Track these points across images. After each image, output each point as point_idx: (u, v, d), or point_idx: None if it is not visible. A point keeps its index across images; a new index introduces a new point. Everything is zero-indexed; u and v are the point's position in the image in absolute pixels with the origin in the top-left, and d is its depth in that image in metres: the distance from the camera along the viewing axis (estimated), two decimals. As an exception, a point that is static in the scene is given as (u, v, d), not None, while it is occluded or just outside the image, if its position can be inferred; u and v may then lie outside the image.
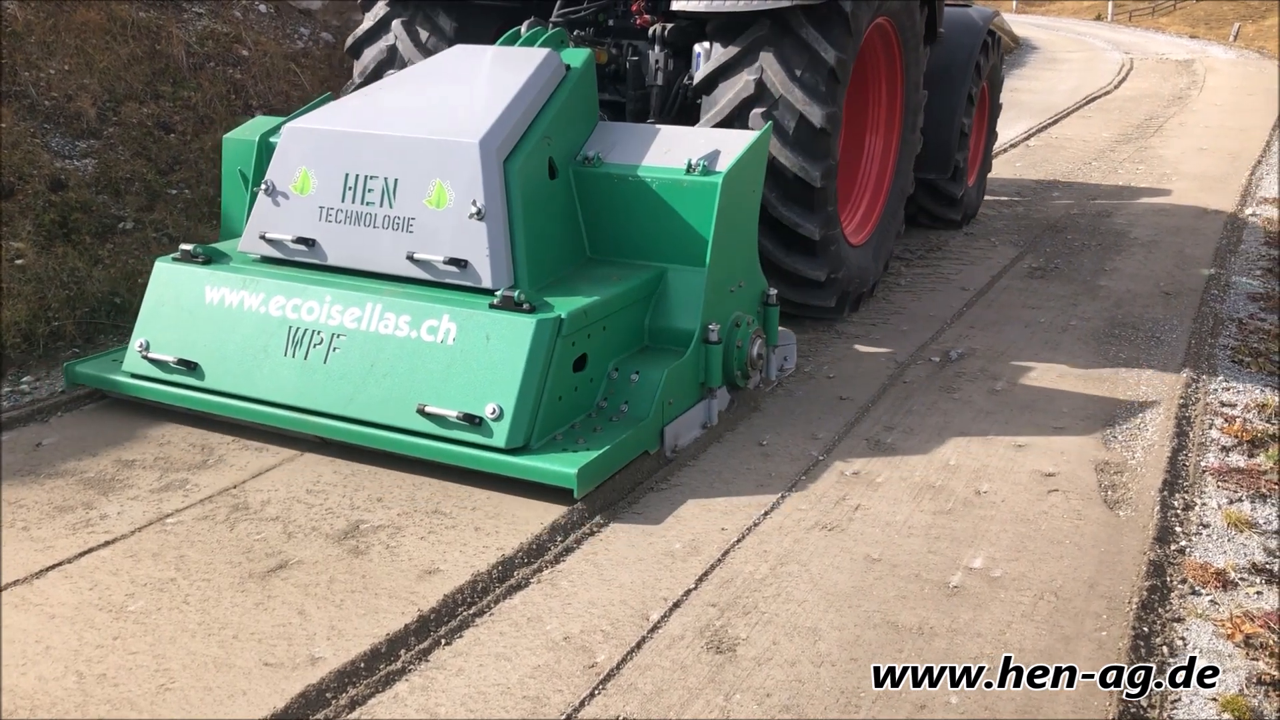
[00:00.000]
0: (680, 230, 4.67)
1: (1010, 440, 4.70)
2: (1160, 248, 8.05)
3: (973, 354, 5.74)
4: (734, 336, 4.73)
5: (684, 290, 4.64)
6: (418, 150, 4.50)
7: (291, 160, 4.73)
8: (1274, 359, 5.85)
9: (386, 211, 4.53)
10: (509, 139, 4.51)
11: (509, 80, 4.72)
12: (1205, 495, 4.29)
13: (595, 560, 3.69)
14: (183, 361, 4.55)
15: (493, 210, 4.37)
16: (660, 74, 5.85)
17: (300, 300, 4.45)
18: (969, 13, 8.24)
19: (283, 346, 4.41)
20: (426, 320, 4.24)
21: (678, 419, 4.49)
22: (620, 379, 4.44)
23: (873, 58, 6.28)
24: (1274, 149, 12.65)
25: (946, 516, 4.03)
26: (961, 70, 7.78)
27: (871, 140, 6.57)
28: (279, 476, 4.21)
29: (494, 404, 4.04)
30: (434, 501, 4.04)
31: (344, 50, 6.58)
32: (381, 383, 4.23)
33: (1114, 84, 18.98)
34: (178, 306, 4.67)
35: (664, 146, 4.84)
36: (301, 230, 4.69)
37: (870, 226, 6.43)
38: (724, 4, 5.25)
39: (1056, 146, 12.73)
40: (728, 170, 4.63)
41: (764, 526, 3.93)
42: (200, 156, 7.25)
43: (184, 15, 8.38)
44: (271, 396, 4.39)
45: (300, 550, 3.69)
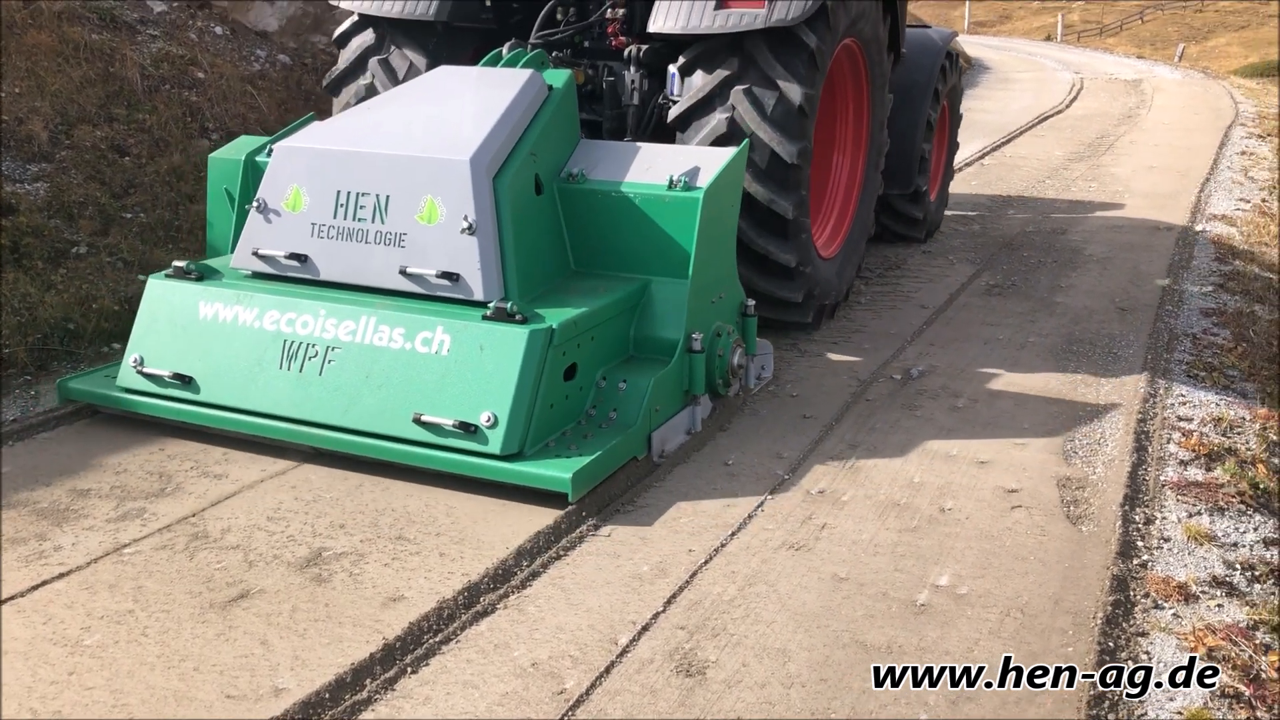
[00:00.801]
0: (663, 244, 4.83)
1: (973, 457, 4.73)
2: (1115, 264, 8.17)
3: (934, 371, 5.78)
4: (716, 346, 4.89)
5: (668, 301, 4.81)
6: (409, 167, 4.63)
7: (283, 178, 4.83)
8: (1228, 373, 5.94)
9: (378, 227, 4.65)
10: (497, 156, 4.65)
11: (495, 100, 4.85)
12: (1165, 509, 4.34)
13: (562, 585, 3.66)
14: (178, 376, 4.63)
15: (483, 225, 4.50)
16: (636, 94, 6.04)
17: (295, 314, 4.55)
18: (929, 33, 8.48)
19: (278, 360, 4.51)
20: (421, 332, 4.36)
21: (664, 425, 4.64)
22: (609, 387, 4.58)
23: (840, 79, 6.46)
24: (1221, 167, 12.90)
25: (912, 534, 4.05)
26: (922, 89, 8.03)
27: (839, 157, 6.77)
28: (239, 504, 4.15)
29: (489, 412, 4.16)
30: (398, 528, 3.99)
31: (322, 87, 6.65)
32: (377, 393, 4.34)
33: (1065, 103, 19.29)
34: (171, 322, 4.75)
35: (645, 163, 4.99)
36: (294, 246, 4.78)
37: (840, 239, 6.63)
38: (698, 26, 5.41)
39: (1011, 165, 12.90)
40: (708, 186, 4.78)
41: (731, 547, 3.92)
42: (156, 179, 7.17)
43: (138, 37, 8.29)
44: (268, 409, 4.47)
45: (262, 579, 3.63)
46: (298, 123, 5.44)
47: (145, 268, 6.35)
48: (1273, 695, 3.21)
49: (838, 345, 6.19)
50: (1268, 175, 12.55)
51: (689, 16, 5.43)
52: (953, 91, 9.04)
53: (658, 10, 5.53)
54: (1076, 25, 58.19)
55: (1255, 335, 6.76)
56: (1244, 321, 6.94)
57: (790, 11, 5.35)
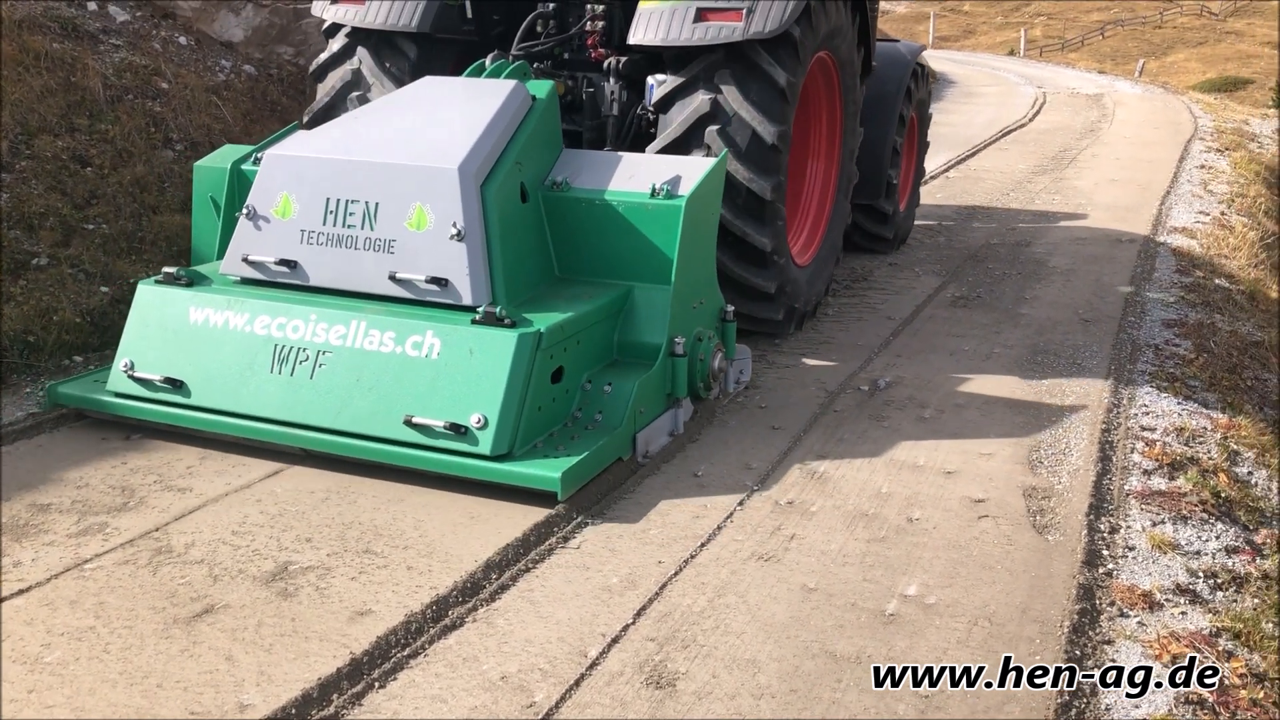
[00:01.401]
0: (646, 250, 4.94)
1: (940, 467, 4.76)
2: (1078, 276, 8.26)
3: (900, 382, 5.81)
4: (697, 350, 5.01)
5: (651, 307, 4.92)
6: (399, 175, 4.71)
7: (273, 186, 4.90)
8: (1190, 383, 6.01)
9: (368, 234, 4.72)
10: (485, 164, 4.74)
11: (481, 109, 4.94)
12: (1130, 518, 4.38)
13: (531, 597, 3.64)
14: (169, 380, 4.67)
15: (472, 231, 4.59)
16: (615, 104, 6.16)
17: (285, 319, 4.62)
18: (897, 47, 8.70)
19: (268, 364, 4.56)
20: (411, 336, 4.44)
21: (648, 427, 4.75)
22: (594, 390, 4.69)
23: (815, 90, 6.61)
24: (1182, 180, 13.08)
25: (880, 544, 4.06)
26: (891, 100, 8.21)
27: (813, 166, 6.92)
28: (203, 518, 4.10)
29: (479, 414, 4.25)
30: (365, 541, 3.96)
31: (309, 75, 6.70)
32: (368, 396, 4.41)
33: (1028, 117, 19.50)
34: (162, 327, 4.79)
35: (628, 172, 5.09)
36: (284, 252, 4.84)
37: (814, 247, 6.78)
38: (677, 39, 5.53)
39: (975, 178, 13.02)
40: (690, 194, 4.91)
41: (701, 558, 3.92)
42: (118, 190, 7.09)
43: (100, 47, 8.20)
44: (259, 412, 4.52)
45: (226, 594, 3.59)
46: (283, 131, 5.53)
47: (107, 279, 6.28)
48: (1236, 701, 3.25)
49: (805, 357, 6.21)
50: (1226, 189, 12.75)
51: (668, 29, 5.54)
52: (921, 103, 9.23)
53: (637, 23, 5.64)
54: (1039, 40, 58.92)
55: (1216, 346, 6.85)
56: (1205, 332, 7.03)
57: (768, 24, 5.49)
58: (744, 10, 5.48)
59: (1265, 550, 4.33)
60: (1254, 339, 7.48)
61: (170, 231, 6.96)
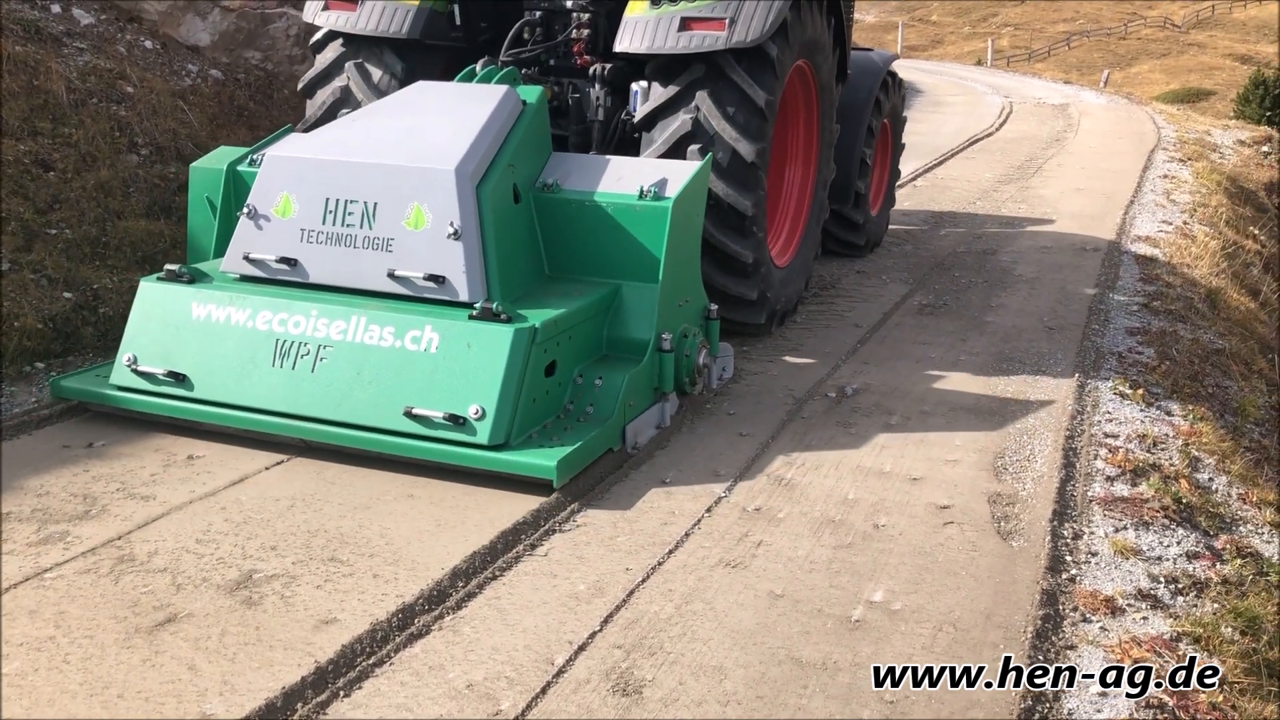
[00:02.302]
0: (634, 250, 5.12)
1: (906, 473, 4.79)
2: (1043, 284, 8.34)
3: (867, 389, 5.85)
4: (683, 346, 5.19)
5: (639, 304, 5.11)
6: (397, 176, 4.87)
7: (273, 186, 5.03)
8: (1153, 391, 6.08)
9: (366, 232, 4.88)
10: (479, 166, 4.91)
11: (475, 113, 5.10)
12: (1093, 524, 4.42)
13: (498, 605, 3.63)
14: (172, 374, 4.78)
15: (468, 230, 4.76)
16: (601, 110, 6.31)
17: (286, 315, 4.75)
18: (871, 56, 8.92)
19: (270, 358, 4.69)
20: (410, 331, 4.58)
21: (637, 419, 4.93)
22: (585, 384, 4.86)
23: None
24: (1145, 189, 13.24)
25: (847, 550, 4.08)
26: (860, 112, 8.36)
27: (791, 171, 7.09)
28: (167, 526, 4.06)
29: (476, 405, 4.40)
30: (330, 549, 3.93)
31: (297, 90, 6.82)
32: (368, 389, 4.55)
33: (995, 126, 19.67)
34: (164, 323, 4.90)
35: (616, 175, 5.27)
36: (284, 251, 4.97)
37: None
38: (662, 47, 5.67)
39: (943, 187, 13.12)
40: (677, 195, 5.09)
41: (669, 565, 3.92)
42: (82, 195, 7.02)
43: (64, 50, 8.12)
44: (261, 404, 4.65)
45: (190, 602, 3.56)
46: (277, 133, 5.70)
47: (70, 285, 6.22)
48: (1196, 705, 3.29)
49: (774, 363, 6.23)
50: (1188, 198, 12.91)
51: (654, 37, 5.69)
52: (894, 110, 9.40)
53: (623, 31, 5.78)
54: (1006, 50, 59.50)
55: (1178, 354, 6.94)
56: (1167, 340, 7.12)
57: (750, 33, 5.63)
58: (726, 20, 5.62)
59: (1225, 555, 4.39)
60: (1215, 347, 7.58)
61: (135, 237, 6.90)
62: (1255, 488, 5.22)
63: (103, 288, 6.29)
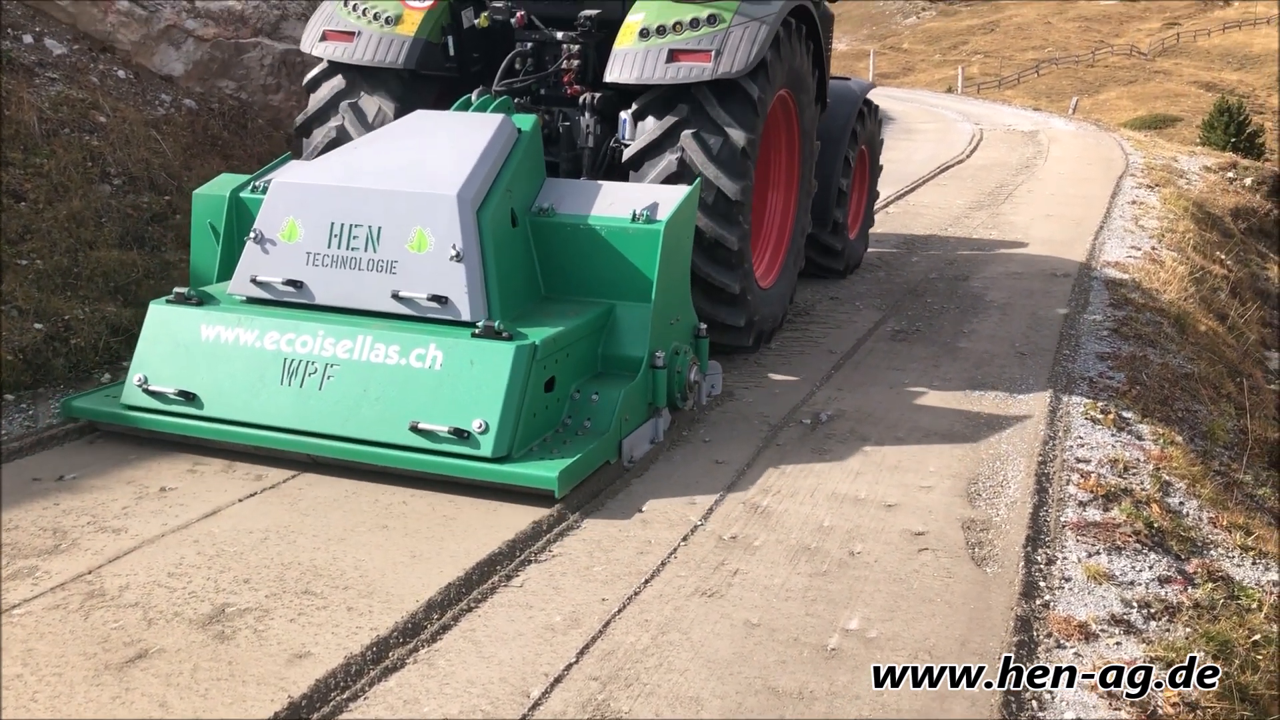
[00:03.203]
0: (628, 271, 5.31)
1: (881, 500, 4.81)
2: (1015, 310, 8.41)
3: (842, 415, 5.87)
4: (675, 363, 5.41)
5: (632, 323, 5.31)
6: (400, 201, 5.06)
7: (279, 211, 5.21)
8: (1124, 415, 6.14)
9: (371, 255, 5.06)
10: (480, 191, 5.10)
11: (473, 141, 5.30)
12: (1066, 549, 4.45)
13: (473, 637, 3.62)
14: (182, 393, 4.93)
15: (469, 253, 4.95)
16: (590, 137, 6.51)
17: (294, 335, 4.91)
18: (849, 84, 9.17)
19: (279, 376, 4.85)
20: (415, 349, 4.76)
21: (633, 434, 5.11)
22: (582, 399, 5.05)
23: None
24: (1114, 215, 13.40)
25: (822, 578, 4.09)
26: (840, 133, 8.62)
27: (774, 195, 7.32)
28: (138, 560, 4.02)
29: (480, 419, 4.57)
30: (304, 581, 3.91)
31: (293, 130, 7.02)
32: (375, 405, 4.71)
33: (966, 153, 19.87)
34: (174, 344, 5.06)
35: (608, 199, 5.47)
36: (290, 273, 5.16)
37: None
38: (650, 77, 5.90)
39: (914, 213, 13.23)
40: (668, 218, 5.28)
41: (645, 595, 3.92)
42: (54, 225, 6.98)
43: (36, 80, 8.09)
44: (270, 421, 4.80)
45: (161, 637, 3.52)
46: (276, 161, 5.91)
47: (41, 316, 6.17)
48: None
49: (749, 390, 6.25)
50: (1157, 224, 13.07)
51: (642, 68, 5.91)
52: (871, 137, 9.70)
53: (613, 63, 6.00)
54: (976, 77, 60.20)
55: (1148, 378, 7.01)
56: (1137, 365, 7.19)
57: (734, 65, 5.86)
58: (712, 52, 5.85)
59: (1196, 579, 4.43)
60: (1184, 371, 7.66)
61: (107, 267, 6.86)
62: (1225, 511, 5.27)
63: (74, 318, 6.25)
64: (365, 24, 6.50)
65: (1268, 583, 4.65)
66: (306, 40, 6.63)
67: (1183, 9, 79.39)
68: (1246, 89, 58.37)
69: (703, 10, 5.97)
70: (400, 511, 4.50)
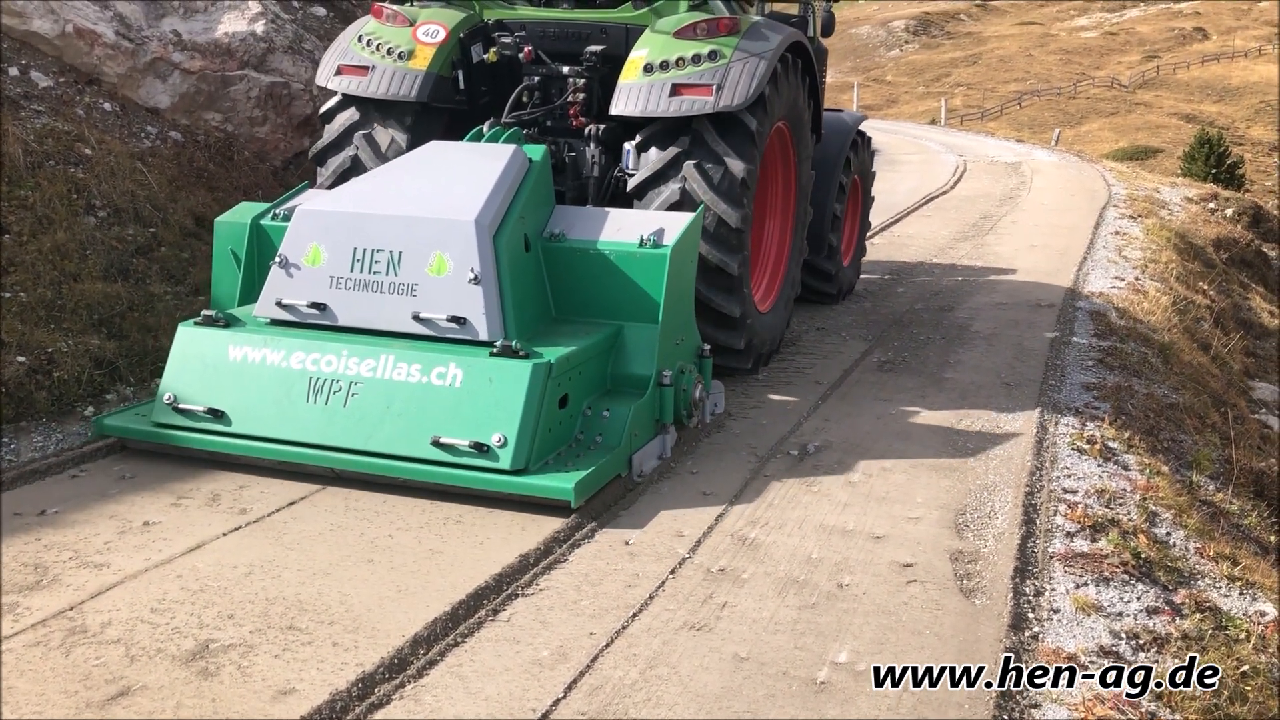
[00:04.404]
0: (635, 294, 5.54)
1: (869, 532, 4.80)
2: (1000, 340, 8.44)
3: (829, 447, 5.87)
4: (680, 381, 5.58)
5: (640, 343, 5.53)
6: (420, 227, 5.28)
7: (304, 237, 5.43)
8: (1109, 445, 6.16)
9: (392, 279, 5.28)
10: (495, 218, 5.32)
11: (487, 170, 5.53)
12: (1054, 581, 4.44)
13: (460, 672, 3.58)
14: (211, 410, 5.12)
15: (486, 276, 5.17)
16: (595, 167, 6.78)
17: (319, 354, 5.12)
18: (841, 116, 9.53)
19: (304, 394, 5.05)
20: (435, 367, 4.97)
21: (642, 449, 5.31)
22: (593, 415, 5.25)
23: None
24: (1097, 246, 13.49)
25: (811, 611, 4.07)
26: (831, 170, 8.93)
27: (771, 223, 7.58)
28: (121, 595, 3.98)
29: (499, 433, 4.78)
30: (289, 616, 3.87)
31: (309, 158, 7.25)
32: (397, 421, 4.91)
33: (950, 184, 20.01)
34: (202, 363, 5.26)
35: (616, 225, 5.71)
36: (314, 296, 5.38)
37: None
38: (655, 110, 6.17)
39: (899, 244, 13.30)
40: (674, 243, 5.53)
41: (633, 629, 3.89)
42: (38, 258, 6.95)
43: (21, 113, 8.08)
44: (296, 437, 5.00)
45: (144, 674, 3.48)
46: (294, 190, 6.23)
47: (24, 349, 6.13)
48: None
49: (735, 421, 6.25)
50: (1140, 254, 13.17)
51: (646, 101, 6.19)
52: (863, 166, 10.03)
53: (618, 96, 6.28)
54: (959, 109, 60.76)
55: (1133, 408, 7.03)
56: (1123, 395, 7.22)
57: (735, 99, 6.12)
58: (714, 86, 6.12)
59: (1184, 610, 4.42)
60: (1169, 401, 7.70)
61: (91, 299, 6.83)
62: (1211, 542, 5.28)
63: (57, 351, 6.21)
64: (379, 59, 6.77)
65: (1255, 613, 4.65)
66: (322, 74, 6.89)
67: (1162, 43, 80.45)
68: (1226, 120, 59.09)
69: (704, 47, 6.23)
70: (386, 545, 4.47)
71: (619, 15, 6.92)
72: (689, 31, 6.36)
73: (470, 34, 7.00)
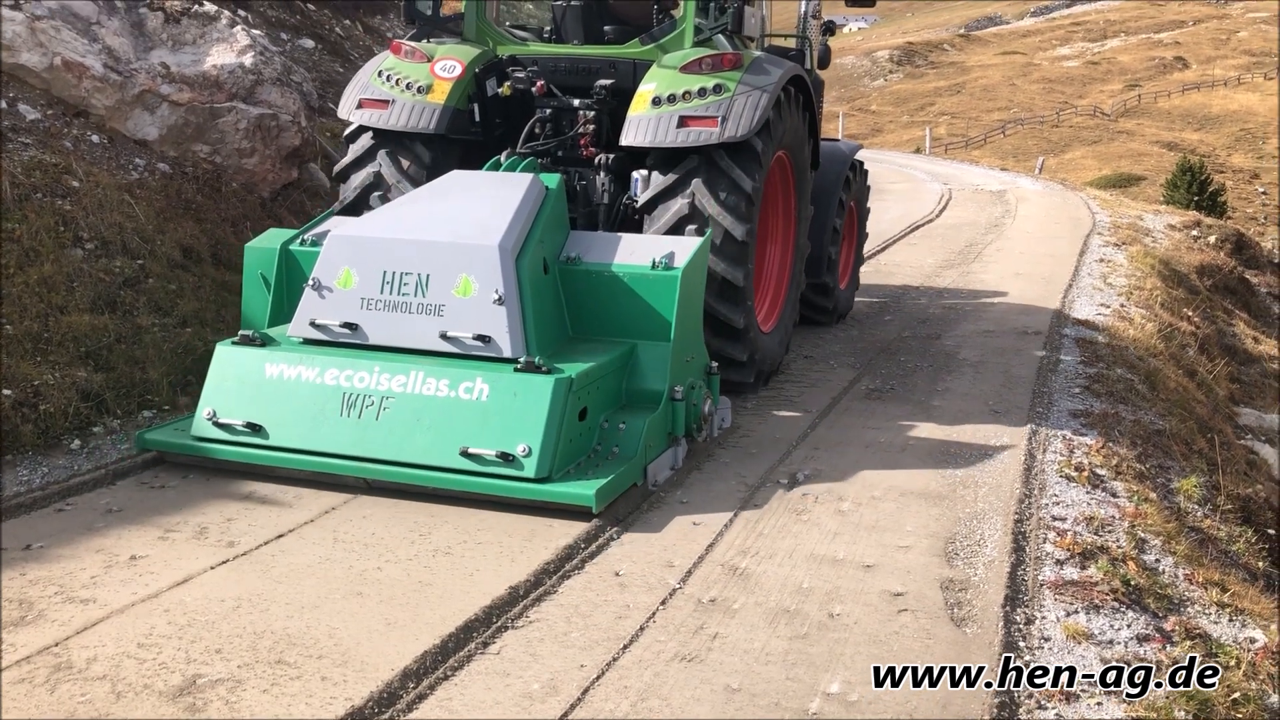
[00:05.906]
0: (649, 313, 5.86)
1: (859, 561, 4.79)
2: (988, 368, 8.47)
3: (819, 475, 5.87)
4: (691, 396, 5.92)
5: (653, 360, 5.85)
6: (447, 251, 5.60)
7: (336, 261, 5.76)
8: (1097, 472, 6.17)
9: (420, 300, 5.59)
10: (517, 242, 5.65)
11: (508, 197, 5.86)
12: (1044, 608, 4.44)
13: (450, 706, 3.56)
14: (249, 424, 5.39)
15: (510, 297, 5.50)
16: (605, 195, 7.09)
17: (352, 371, 5.42)
18: (838, 145, 9.99)
19: (338, 409, 5.34)
20: (463, 383, 5.28)
21: (656, 460, 5.62)
22: (610, 428, 5.55)
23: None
24: (1083, 274, 13.57)
25: (802, 641, 4.06)
26: (832, 188, 9.32)
27: (772, 249, 7.93)
28: (107, 630, 3.95)
29: (524, 444, 5.08)
30: (277, 651, 3.84)
31: (333, 175, 7.61)
32: (427, 433, 5.21)
33: (936, 213, 20.13)
34: (240, 381, 5.54)
35: (629, 249, 6.06)
36: (346, 317, 5.70)
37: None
38: (663, 141, 6.50)
39: (886, 272, 13.36)
40: (685, 265, 5.87)
41: (624, 661, 3.87)
42: (24, 290, 6.93)
43: (8, 145, 8.08)
44: (330, 449, 5.27)
45: (131, 710, 3.45)
46: (320, 216, 6.61)
47: (10, 382, 6.10)
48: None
49: (725, 450, 6.25)
50: (1124, 281, 13.25)
51: (655, 133, 6.53)
52: (860, 193, 10.48)
53: (628, 128, 6.61)
54: (944, 138, 61.19)
55: (1120, 435, 7.06)
56: (1110, 422, 7.24)
57: (739, 130, 6.45)
58: (719, 118, 6.45)
59: (1174, 637, 4.42)
60: (1156, 427, 7.72)
61: (78, 331, 6.81)
62: (1200, 568, 5.29)
63: (44, 384, 6.19)
64: (398, 93, 7.08)
65: (1245, 639, 4.65)
66: (344, 108, 7.21)
67: (1143, 72, 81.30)
68: (1207, 149, 59.67)
69: (709, 80, 6.56)
70: (375, 578, 4.45)
71: (627, 51, 7.25)
72: (695, 66, 6.67)
73: (485, 69, 7.30)
